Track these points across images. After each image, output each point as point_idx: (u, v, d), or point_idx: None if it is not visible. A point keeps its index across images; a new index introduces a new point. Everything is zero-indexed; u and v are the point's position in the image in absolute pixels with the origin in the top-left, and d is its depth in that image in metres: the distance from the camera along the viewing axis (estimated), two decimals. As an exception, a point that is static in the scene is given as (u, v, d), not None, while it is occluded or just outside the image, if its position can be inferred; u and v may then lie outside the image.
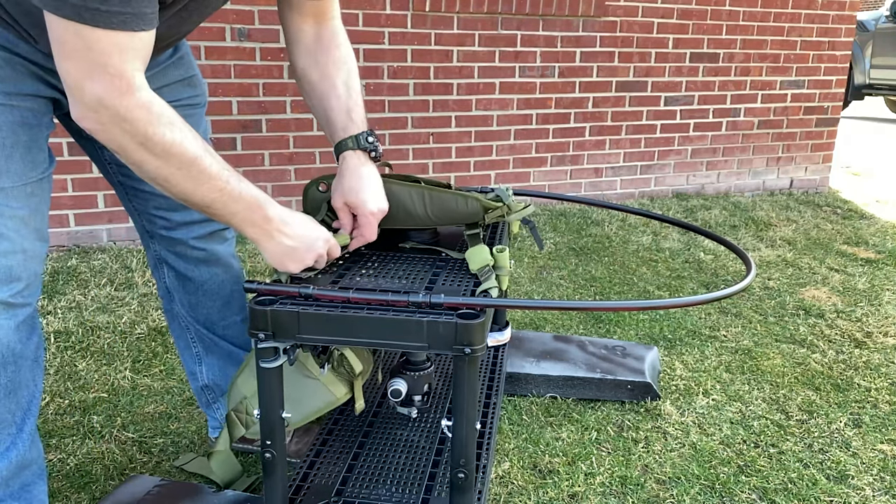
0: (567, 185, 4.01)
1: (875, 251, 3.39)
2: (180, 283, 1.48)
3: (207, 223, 1.42)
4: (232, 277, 1.51)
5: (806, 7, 4.26)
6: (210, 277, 1.48)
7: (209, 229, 1.43)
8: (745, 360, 2.22)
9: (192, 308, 1.51)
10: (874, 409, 1.97)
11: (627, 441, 1.77)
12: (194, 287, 1.48)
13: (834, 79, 4.50)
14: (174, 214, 1.40)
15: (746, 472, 1.68)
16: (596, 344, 2.10)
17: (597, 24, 3.80)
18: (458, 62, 3.56)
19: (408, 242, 1.42)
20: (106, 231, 3.07)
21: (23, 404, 1.18)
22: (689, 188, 4.33)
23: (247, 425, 1.36)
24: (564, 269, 2.97)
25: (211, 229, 1.44)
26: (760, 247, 3.39)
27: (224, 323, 1.53)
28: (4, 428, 1.16)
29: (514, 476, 1.61)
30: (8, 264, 1.07)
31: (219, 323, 1.53)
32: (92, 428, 1.75)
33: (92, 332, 2.24)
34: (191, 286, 1.48)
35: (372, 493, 1.32)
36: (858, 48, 8.26)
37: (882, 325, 2.52)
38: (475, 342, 1.08)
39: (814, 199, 4.37)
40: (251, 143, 3.25)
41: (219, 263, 1.48)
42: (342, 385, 1.32)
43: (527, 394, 1.94)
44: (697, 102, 4.19)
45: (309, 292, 1.13)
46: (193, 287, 1.48)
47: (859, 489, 1.63)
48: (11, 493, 1.19)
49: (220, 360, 1.57)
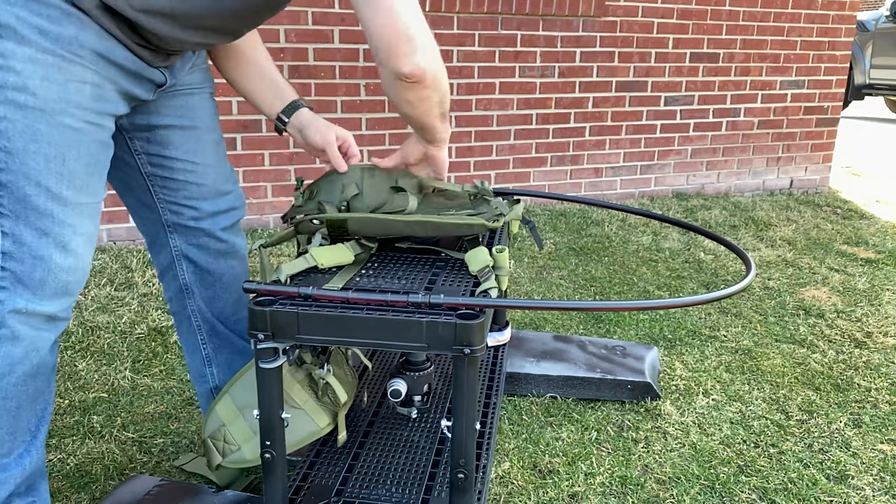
0: (567, 185, 4.01)
1: (875, 251, 3.39)
2: (199, 277, 1.49)
3: (232, 213, 1.46)
4: (245, 271, 1.54)
5: (806, 7, 4.26)
6: (228, 270, 1.50)
7: (232, 220, 1.47)
8: (745, 360, 2.22)
9: (210, 302, 1.52)
10: (874, 409, 1.97)
11: (627, 441, 1.77)
12: (213, 280, 1.50)
13: (834, 79, 4.50)
14: (204, 204, 1.42)
15: (746, 472, 1.68)
16: (596, 344, 2.10)
17: (597, 24, 3.80)
18: (457, 62, 3.56)
19: (405, 242, 1.41)
20: (106, 231, 3.07)
21: (38, 412, 1.21)
22: (689, 188, 4.33)
23: (224, 453, 1.38)
24: (564, 269, 2.97)
25: (233, 220, 1.47)
26: (760, 247, 3.39)
27: (235, 317, 1.55)
28: (20, 435, 1.18)
29: (514, 476, 1.61)
30: (68, 280, 1.13)
31: (231, 317, 1.55)
32: (92, 428, 1.75)
33: (92, 332, 2.24)
34: (209, 279, 1.50)
35: (372, 493, 1.32)
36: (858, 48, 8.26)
37: (882, 325, 2.52)
38: (475, 342, 1.08)
39: (814, 199, 4.37)
40: (251, 143, 3.26)
41: (236, 256, 1.51)
42: (325, 415, 1.35)
43: (527, 394, 1.94)
44: (697, 102, 4.18)
45: (308, 292, 1.13)
46: (212, 280, 1.50)
47: (859, 489, 1.63)
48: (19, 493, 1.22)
49: (230, 358, 1.58)
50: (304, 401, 1.34)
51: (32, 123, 1.04)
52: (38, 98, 1.03)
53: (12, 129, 1.03)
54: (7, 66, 1.01)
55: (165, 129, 1.33)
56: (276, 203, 3.37)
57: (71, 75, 1.06)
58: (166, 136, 1.34)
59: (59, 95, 1.05)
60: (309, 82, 3.30)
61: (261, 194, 3.34)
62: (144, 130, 1.32)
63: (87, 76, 1.08)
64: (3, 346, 1.11)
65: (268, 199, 3.36)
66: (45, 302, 1.11)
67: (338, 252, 1.27)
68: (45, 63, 1.03)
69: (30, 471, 1.21)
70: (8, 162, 1.04)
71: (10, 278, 1.08)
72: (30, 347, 1.13)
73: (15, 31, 1.01)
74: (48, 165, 1.06)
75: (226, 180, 1.44)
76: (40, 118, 1.04)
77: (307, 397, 1.34)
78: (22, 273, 1.09)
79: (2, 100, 1.02)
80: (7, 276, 1.08)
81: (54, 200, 1.08)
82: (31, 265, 1.09)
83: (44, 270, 1.10)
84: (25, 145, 1.04)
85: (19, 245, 1.08)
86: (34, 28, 1.02)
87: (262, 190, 3.33)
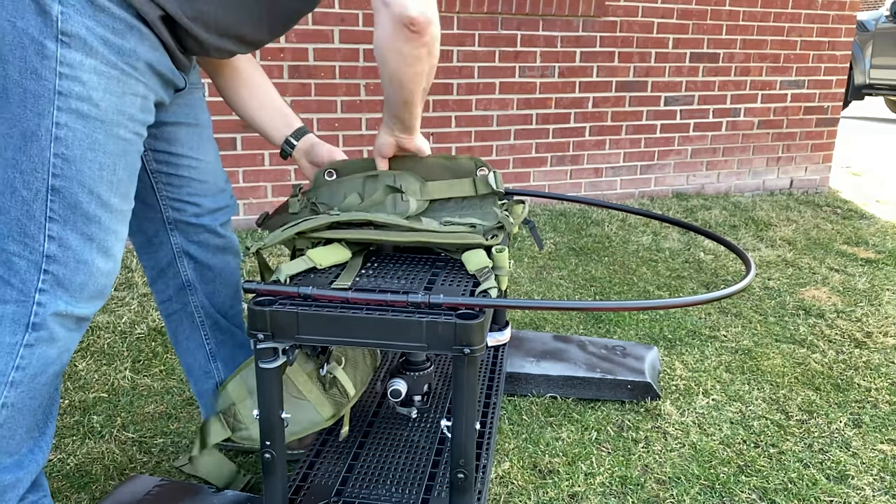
0: (567, 185, 4.01)
1: (875, 251, 3.39)
2: (200, 273, 1.53)
3: (228, 210, 1.51)
4: (238, 265, 1.59)
5: (806, 7, 4.26)
6: (225, 265, 1.54)
7: (228, 216, 1.52)
8: (745, 360, 2.22)
9: (211, 297, 1.55)
10: (874, 409, 1.97)
11: (627, 441, 1.77)
12: (212, 276, 1.53)
13: (834, 79, 4.50)
14: (206, 200, 1.45)
15: (746, 472, 1.68)
16: (596, 344, 2.10)
17: (597, 24, 3.80)
18: (457, 62, 3.56)
19: None
20: (106, 231, 3.07)
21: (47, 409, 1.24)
22: (689, 188, 4.33)
23: (233, 429, 1.40)
24: (564, 269, 2.97)
25: (229, 216, 1.52)
26: (760, 247, 3.39)
27: (234, 311, 1.59)
28: (31, 432, 1.21)
29: (514, 476, 1.61)
30: (106, 283, 1.17)
31: (230, 311, 1.58)
32: (92, 428, 1.75)
33: (92, 332, 2.24)
34: (209, 275, 1.53)
35: (372, 493, 1.32)
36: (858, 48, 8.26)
37: (882, 325, 2.52)
38: (474, 342, 1.08)
39: (814, 199, 4.37)
40: (251, 143, 3.26)
41: (231, 251, 1.55)
42: (330, 407, 1.36)
43: (527, 394, 1.94)
44: (697, 102, 4.18)
45: (308, 292, 1.13)
46: (212, 276, 1.53)
47: (859, 489, 1.63)
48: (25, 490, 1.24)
49: (232, 351, 1.61)
50: (309, 391, 1.35)
51: (92, 133, 1.08)
52: (99, 109, 1.07)
53: (72, 137, 1.07)
54: (73, 75, 1.04)
55: (173, 125, 1.36)
56: (277, 203, 3.37)
57: (128, 88, 1.10)
58: (173, 132, 1.37)
59: (117, 107, 1.09)
60: (309, 82, 3.30)
61: (261, 194, 3.34)
62: (153, 127, 1.34)
63: (139, 89, 1.12)
64: (40, 347, 1.14)
65: (268, 199, 3.36)
66: (82, 304, 1.15)
67: (335, 252, 1.27)
68: (108, 75, 1.07)
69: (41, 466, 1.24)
70: (64, 169, 1.08)
71: (51, 281, 1.12)
72: (63, 348, 1.17)
73: (84, 41, 1.04)
74: (101, 174, 1.11)
75: (223, 178, 1.49)
76: (99, 128, 1.08)
77: (313, 388, 1.36)
78: (64, 276, 1.12)
79: (65, 108, 1.05)
80: (48, 279, 1.12)
81: (103, 208, 1.12)
82: (73, 269, 1.12)
83: (86, 274, 1.13)
84: (83, 153, 1.08)
85: (65, 249, 1.11)
86: (100, 39, 1.05)
87: (262, 190, 3.33)
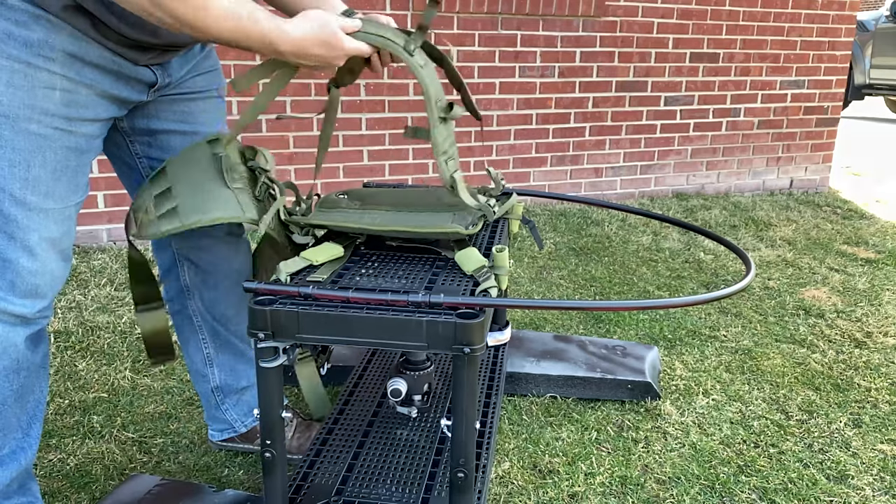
0: (567, 185, 4.01)
1: (875, 251, 3.39)
2: (201, 278, 1.49)
3: None
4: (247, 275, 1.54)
5: (806, 7, 4.26)
6: (228, 274, 1.50)
7: None
8: (745, 360, 2.22)
9: (212, 304, 1.52)
10: (874, 409, 1.97)
11: (627, 441, 1.77)
12: (215, 282, 1.50)
13: (834, 79, 4.50)
14: None
15: (746, 472, 1.68)
16: (596, 344, 2.10)
17: (597, 24, 3.80)
18: (457, 62, 3.56)
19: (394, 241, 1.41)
20: (106, 231, 3.07)
21: (29, 410, 1.22)
22: (689, 188, 4.33)
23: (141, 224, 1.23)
24: (564, 269, 2.97)
25: None
26: (760, 247, 3.39)
27: (237, 319, 1.55)
28: (11, 433, 1.19)
29: (514, 476, 1.61)
30: (36, 283, 1.13)
31: (233, 319, 1.55)
32: (92, 428, 1.75)
33: (92, 332, 2.24)
34: (212, 281, 1.49)
35: (372, 493, 1.32)
36: (858, 48, 8.26)
37: (882, 325, 2.52)
38: (474, 342, 1.08)
39: (814, 199, 4.37)
40: (251, 143, 3.25)
41: (239, 258, 1.50)
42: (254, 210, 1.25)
43: (527, 393, 1.94)
44: (697, 102, 4.18)
45: (308, 292, 1.13)
46: (214, 282, 1.50)
47: (859, 489, 1.63)
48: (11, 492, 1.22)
49: (231, 359, 1.58)
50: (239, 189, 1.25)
51: None
52: (1, 104, 1.04)
53: None
54: None
55: (166, 133, 1.34)
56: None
57: (38, 81, 1.05)
58: (167, 140, 1.34)
59: (24, 102, 1.05)
60: (309, 82, 3.30)
61: (261, 194, 3.33)
62: (145, 134, 1.33)
63: (55, 82, 1.07)
64: None
65: (268, 199, 3.35)
66: (16, 302, 1.13)
67: (329, 249, 1.28)
68: (10, 69, 1.03)
69: (24, 468, 1.22)
70: None
71: None
72: (6, 342, 1.14)
73: None
74: (12, 171, 1.07)
75: None
76: (4, 124, 1.05)
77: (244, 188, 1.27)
78: None
79: None
80: None
81: (18, 206, 1.09)
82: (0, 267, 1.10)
83: (13, 273, 1.11)
84: None
85: None
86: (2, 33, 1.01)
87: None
